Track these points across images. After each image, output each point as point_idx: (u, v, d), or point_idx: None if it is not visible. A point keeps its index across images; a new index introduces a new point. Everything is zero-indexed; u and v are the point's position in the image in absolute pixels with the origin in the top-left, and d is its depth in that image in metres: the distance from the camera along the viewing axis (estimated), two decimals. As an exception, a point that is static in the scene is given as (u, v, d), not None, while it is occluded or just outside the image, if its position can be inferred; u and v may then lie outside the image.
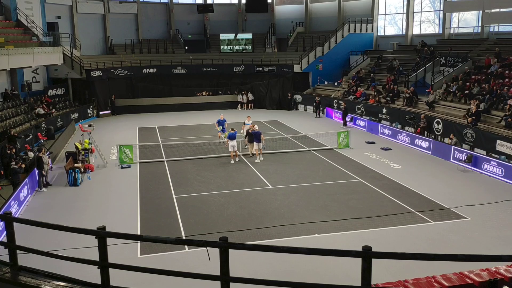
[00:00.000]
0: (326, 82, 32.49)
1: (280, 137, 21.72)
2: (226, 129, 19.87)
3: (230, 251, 3.11)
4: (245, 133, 19.15)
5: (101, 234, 3.22)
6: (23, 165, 14.43)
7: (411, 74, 26.15)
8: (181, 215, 11.86)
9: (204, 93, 32.91)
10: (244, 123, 19.85)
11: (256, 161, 17.53)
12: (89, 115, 28.67)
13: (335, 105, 28.33)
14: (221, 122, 19.92)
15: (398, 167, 16.63)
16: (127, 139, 21.14)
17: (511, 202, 12.22)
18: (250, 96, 32.60)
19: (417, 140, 19.68)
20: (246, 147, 19.21)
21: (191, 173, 16.11)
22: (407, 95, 24.09)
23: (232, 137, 17.39)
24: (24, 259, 3.65)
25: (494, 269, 4.39)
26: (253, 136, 17.68)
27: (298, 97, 31.85)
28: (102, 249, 3.27)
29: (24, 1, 25.46)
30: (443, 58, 25.15)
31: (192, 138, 21.80)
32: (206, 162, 17.73)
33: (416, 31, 31.04)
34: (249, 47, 36.00)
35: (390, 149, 19.47)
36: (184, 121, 27.11)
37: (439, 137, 19.59)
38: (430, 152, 18.56)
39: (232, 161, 17.41)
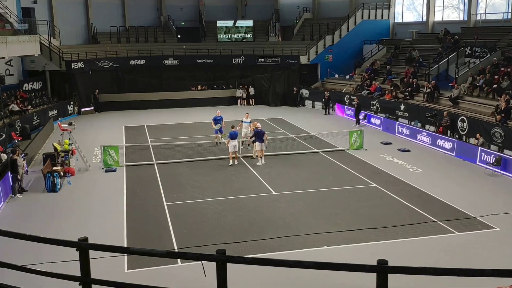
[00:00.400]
0: (336, 75, 32.60)
1: (285, 136, 21.78)
2: (223, 129, 19.92)
3: (229, 265, 3.11)
4: (243, 133, 19.17)
5: (83, 246, 3.23)
6: (-5, 169, 14.52)
7: (432, 66, 26.18)
8: (173, 225, 11.92)
9: (199, 87, 33.02)
10: (242, 121, 19.90)
11: (257, 163, 17.60)
12: (70, 112, 28.81)
13: (347, 101, 28.40)
14: (217, 120, 19.85)
15: (417, 171, 16.70)
16: (112, 139, 21.20)
17: (545, 210, 12.26)
18: (251, 91, 32.75)
19: (439, 140, 19.74)
20: (249, 147, 19.27)
21: (185, 178, 16.17)
22: (428, 89, 24.14)
23: (233, 136, 17.45)
24: (-4, 275, 3.69)
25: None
26: (256, 136, 17.88)
27: (305, 92, 31.96)
28: (84, 263, 3.27)
29: (-4, -17, 25.57)
30: (469, 48, 25.15)
31: (186, 138, 21.89)
32: (201, 165, 17.79)
33: (438, 17, 31.11)
34: (249, 35, 36.11)
35: (409, 151, 19.54)
36: (176, 119, 27.18)
37: (464, 137, 19.65)
38: (453, 154, 18.65)
39: (231, 163, 17.46)
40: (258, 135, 17.66)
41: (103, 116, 29.04)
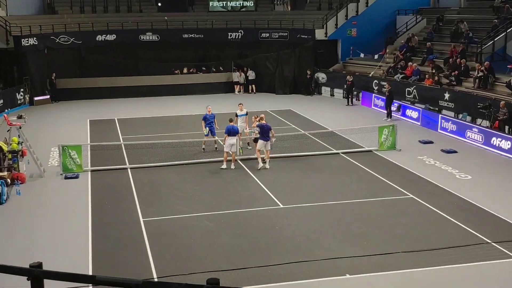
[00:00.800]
0: (362, 55, 32.73)
1: (296, 133, 21.75)
2: (215, 130, 19.78)
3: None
4: (239, 128, 19.09)
5: (36, 274, 3.24)
6: None
7: (485, 42, 26.17)
8: (152, 247, 11.92)
9: (185, 70, 33.17)
10: (237, 115, 19.91)
11: (259, 167, 17.61)
12: (19, 101, 28.90)
13: (375, 88, 28.50)
14: (208, 119, 19.72)
15: (466, 178, 16.75)
16: (73, 137, 21.30)
17: None
18: (250, 75, 32.86)
19: (494, 138, 19.82)
20: (249, 147, 19.45)
21: (167, 186, 16.22)
22: (480, 73, 24.10)
23: (231, 131, 17.58)
24: None
25: None
26: (260, 131, 17.79)
27: (321, 77, 32.01)
28: (38, 295, 3.26)
29: None
30: (533, 19, 25.23)
31: (169, 135, 21.92)
32: (188, 170, 17.87)
33: (493, -20, 31.08)
34: (250, 3, 36.22)
35: (455, 152, 19.63)
36: (156, 111, 27.21)
37: (527, 134, 19.70)
38: (512, 156, 18.73)
39: (224, 166, 17.58)
40: (263, 131, 17.66)
41: (61, 106, 29.11)
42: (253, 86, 32.90)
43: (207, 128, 19.53)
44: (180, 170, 17.82)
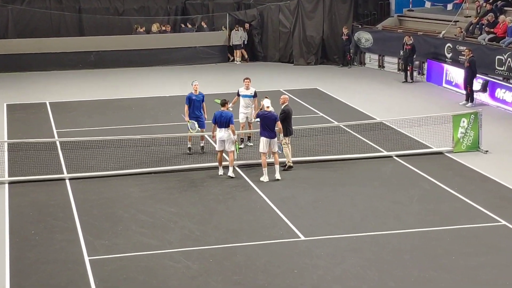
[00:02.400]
0: (428, 4, 32.79)
1: (323, 125, 21.61)
2: (204, 119, 19.97)
3: None
4: (241, 116, 19.39)
5: None
6: None
7: None
8: (103, 300, 11.67)
9: (154, 27, 33.18)
10: (239, 94, 20.02)
11: (263, 179, 17.57)
12: None
13: (448, 56, 28.41)
14: (194, 101, 19.75)
15: None
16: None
17: None
18: (243, 35, 33.06)
19: None
20: (250, 144, 19.72)
21: (126, 207, 16.13)
22: None
23: (220, 120, 17.68)
24: None
25: None
26: (261, 123, 17.86)
27: (364, 38, 32.05)
28: None
29: None
30: None
31: (129, 129, 22.03)
32: (159, 180, 17.84)
33: None
34: None
35: None
36: (110, 92, 27.62)
37: None
38: None
39: (221, 172, 17.87)
40: (265, 123, 17.69)
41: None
42: (243, 51, 33.02)
43: (193, 118, 19.58)
44: (146, 182, 17.71)
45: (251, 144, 19.90)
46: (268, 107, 17.93)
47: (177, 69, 30.73)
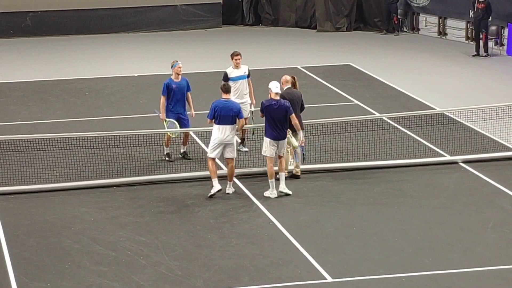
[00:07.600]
0: None
1: (359, 118, 19.83)
2: (187, 116, 18.59)
3: None
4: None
5: None
6: None
7: None
8: None
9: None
10: (227, 77, 18.17)
11: (269, 194, 16.07)
12: None
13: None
14: (175, 91, 18.29)
15: None
16: None
17: None
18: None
19: None
20: (244, 149, 18.64)
21: (75, 234, 14.48)
22: None
23: (222, 114, 15.98)
24: None
25: None
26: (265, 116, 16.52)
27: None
28: None
29: None
30: None
31: (81, 122, 21.17)
32: (125, 197, 16.30)
33: None
34: None
35: None
36: (54, 69, 26.51)
37: None
38: None
39: (217, 188, 16.00)
40: (272, 116, 16.05)
41: None
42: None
43: (173, 116, 18.08)
44: (106, 199, 16.02)
45: (246, 149, 18.10)
46: (277, 93, 15.90)
47: (149, 37, 30.02)
